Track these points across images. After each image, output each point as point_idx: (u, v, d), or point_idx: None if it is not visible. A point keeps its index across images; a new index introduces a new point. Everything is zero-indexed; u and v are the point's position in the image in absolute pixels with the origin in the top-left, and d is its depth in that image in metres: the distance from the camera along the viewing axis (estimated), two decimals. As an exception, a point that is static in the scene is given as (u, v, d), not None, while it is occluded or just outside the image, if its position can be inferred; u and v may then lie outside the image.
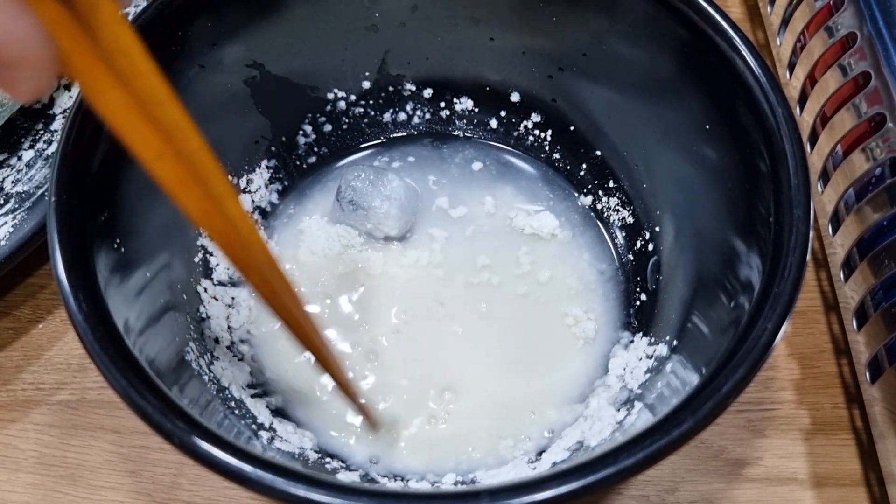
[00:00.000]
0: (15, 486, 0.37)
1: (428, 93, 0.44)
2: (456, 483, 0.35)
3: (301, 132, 0.43)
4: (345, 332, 0.39)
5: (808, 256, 0.28)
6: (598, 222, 0.42)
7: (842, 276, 0.39)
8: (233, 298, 0.39)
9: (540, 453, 0.35)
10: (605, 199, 0.42)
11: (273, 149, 0.42)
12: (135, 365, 0.27)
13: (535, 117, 0.44)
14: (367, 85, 0.43)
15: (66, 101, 0.45)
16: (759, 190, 0.31)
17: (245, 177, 0.41)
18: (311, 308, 0.40)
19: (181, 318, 0.35)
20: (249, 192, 0.42)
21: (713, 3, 0.33)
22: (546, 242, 0.42)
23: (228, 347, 0.37)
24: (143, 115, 0.21)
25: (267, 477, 0.24)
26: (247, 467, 0.25)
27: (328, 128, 0.44)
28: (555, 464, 0.33)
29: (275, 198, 0.43)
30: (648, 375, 0.35)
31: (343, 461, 0.36)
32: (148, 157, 0.22)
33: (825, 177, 0.40)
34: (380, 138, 0.45)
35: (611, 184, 0.42)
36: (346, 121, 0.44)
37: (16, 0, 0.18)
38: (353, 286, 0.40)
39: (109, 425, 0.39)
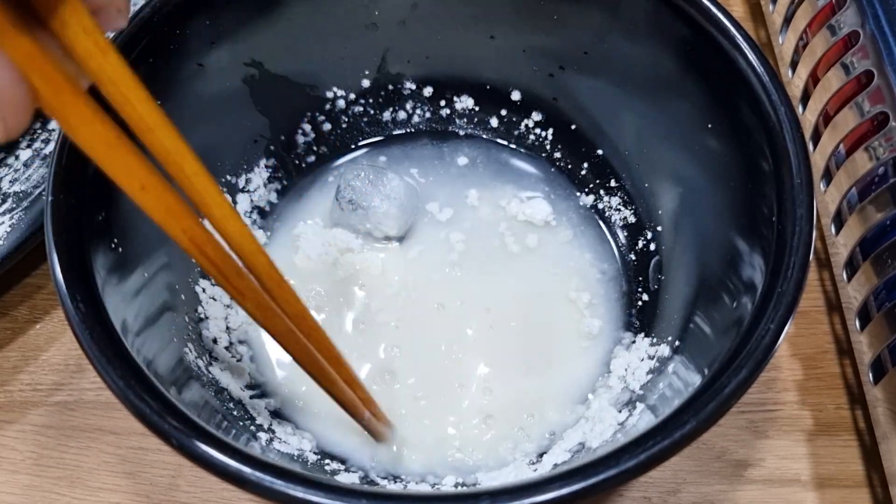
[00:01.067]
0: (12, 487, 0.37)
1: (428, 91, 0.44)
2: (456, 485, 0.35)
3: (300, 131, 0.43)
4: (344, 333, 0.39)
5: (811, 256, 0.28)
6: (600, 222, 0.42)
7: (845, 276, 0.39)
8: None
9: (541, 455, 0.35)
10: (606, 198, 0.42)
11: (272, 148, 0.42)
12: (132, 366, 0.27)
13: (536, 116, 0.43)
14: (366, 83, 0.43)
15: (64, 100, 0.45)
16: (761, 189, 0.31)
17: (244, 176, 0.41)
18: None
19: (179, 318, 0.35)
20: (248, 191, 0.41)
21: (715, 2, 0.33)
22: (548, 244, 0.42)
23: (227, 348, 0.37)
24: (127, 147, 0.21)
25: (266, 478, 0.24)
26: (245, 469, 0.24)
27: (327, 127, 0.43)
28: (556, 465, 0.33)
29: (273, 197, 0.42)
30: (650, 376, 0.34)
31: (342, 462, 0.36)
32: (131, 190, 0.22)
33: (828, 176, 0.40)
34: (379, 137, 0.44)
35: (612, 183, 0.42)
36: (346, 120, 0.44)
37: None
38: (352, 287, 0.40)
39: (107, 426, 0.38)
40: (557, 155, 0.44)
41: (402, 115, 0.44)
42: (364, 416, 0.34)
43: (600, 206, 0.42)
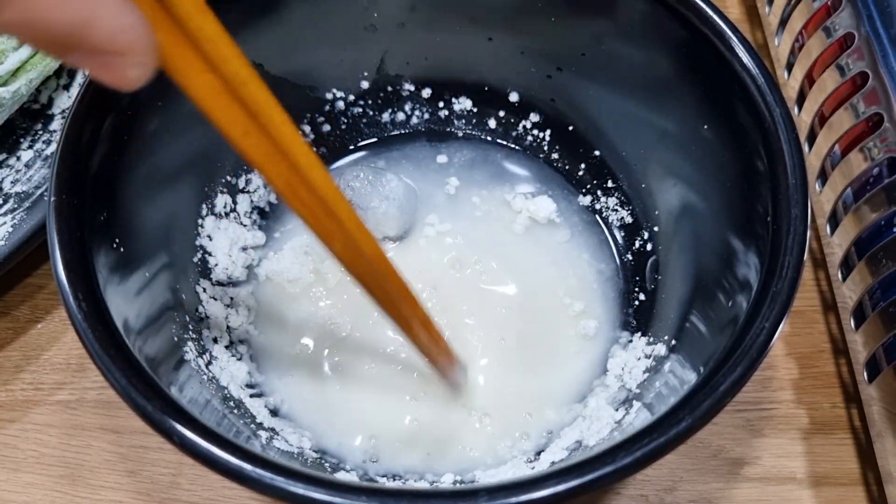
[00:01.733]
0: (14, 485, 0.37)
1: (427, 93, 0.44)
2: (455, 482, 0.35)
3: (299, 132, 0.43)
4: (344, 334, 0.39)
5: (806, 256, 0.28)
6: (597, 222, 0.42)
7: (840, 275, 0.39)
8: (231, 299, 0.39)
9: (538, 453, 0.35)
10: (603, 198, 0.42)
11: (272, 149, 0.42)
12: (134, 364, 0.27)
13: (534, 117, 0.44)
14: (365, 85, 0.43)
15: (64, 101, 0.45)
16: (757, 190, 0.31)
17: (244, 176, 0.41)
18: (308, 314, 0.40)
19: (180, 317, 0.35)
20: (248, 191, 0.42)
21: (711, 4, 0.33)
22: (546, 244, 0.42)
23: (227, 347, 0.37)
24: (231, 96, 0.23)
25: (266, 475, 0.24)
26: (246, 466, 0.25)
27: (327, 128, 0.44)
28: (553, 463, 0.33)
29: (273, 197, 0.43)
30: (647, 375, 0.35)
31: (341, 460, 0.36)
32: (236, 135, 0.23)
33: (823, 176, 0.40)
34: (378, 138, 0.45)
35: (609, 184, 0.42)
36: (345, 121, 0.44)
37: None
38: (350, 287, 0.40)
39: (108, 425, 0.39)
40: (555, 156, 0.44)
41: (400, 116, 0.45)
42: (439, 361, 0.35)
43: (598, 206, 0.43)
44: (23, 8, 0.17)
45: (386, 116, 0.44)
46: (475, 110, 0.44)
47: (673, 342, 0.34)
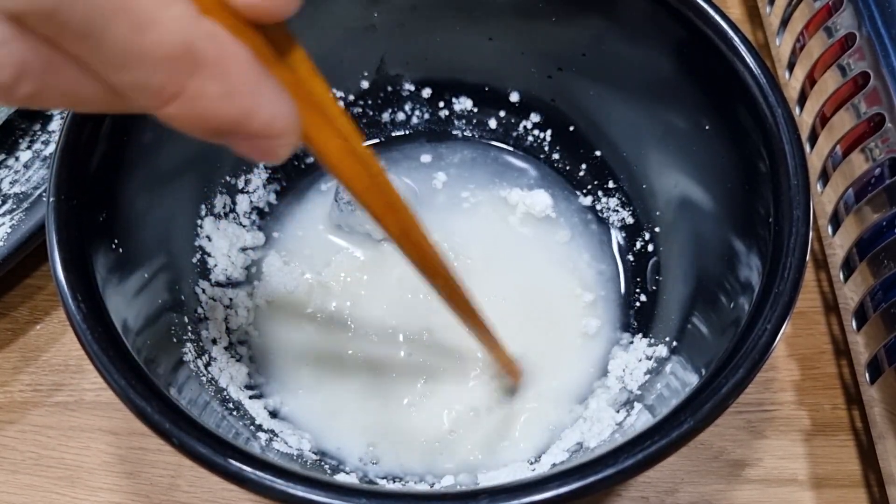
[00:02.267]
0: (13, 487, 0.37)
1: (427, 93, 0.44)
2: (455, 485, 0.35)
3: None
4: (343, 335, 0.39)
5: (808, 257, 0.28)
6: (598, 222, 0.42)
7: (841, 276, 0.39)
8: (231, 300, 0.39)
9: (539, 455, 0.35)
10: (604, 199, 0.42)
11: (272, 149, 0.42)
12: (133, 365, 0.27)
13: (535, 117, 0.43)
14: (365, 85, 0.43)
15: (64, 101, 0.45)
16: (758, 190, 0.31)
17: (243, 177, 0.41)
18: (310, 317, 0.40)
19: (179, 318, 0.35)
20: (247, 192, 0.41)
21: (712, 4, 0.33)
22: (546, 244, 0.42)
23: (226, 348, 0.37)
24: (353, 150, 0.23)
25: (266, 477, 0.24)
26: (246, 468, 0.25)
27: (327, 128, 0.43)
28: (554, 465, 0.33)
29: (273, 198, 0.42)
30: (648, 377, 0.34)
31: (341, 462, 0.36)
32: (360, 190, 0.24)
33: (825, 177, 0.40)
34: (378, 138, 0.45)
35: (610, 184, 0.42)
36: (345, 121, 0.44)
37: (270, 76, 0.19)
38: (350, 289, 0.40)
39: (107, 427, 0.39)
40: (556, 156, 0.44)
41: (400, 116, 0.44)
42: (496, 346, 0.34)
43: (598, 207, 0.43)
44: (190, 104, 0.17)
45: (386, 116, 0.44)
46: (475, 110, 0.44)
47: (674, 343, 0.34)
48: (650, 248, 0.40)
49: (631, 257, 0.41)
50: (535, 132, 0.44)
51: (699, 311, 0.34)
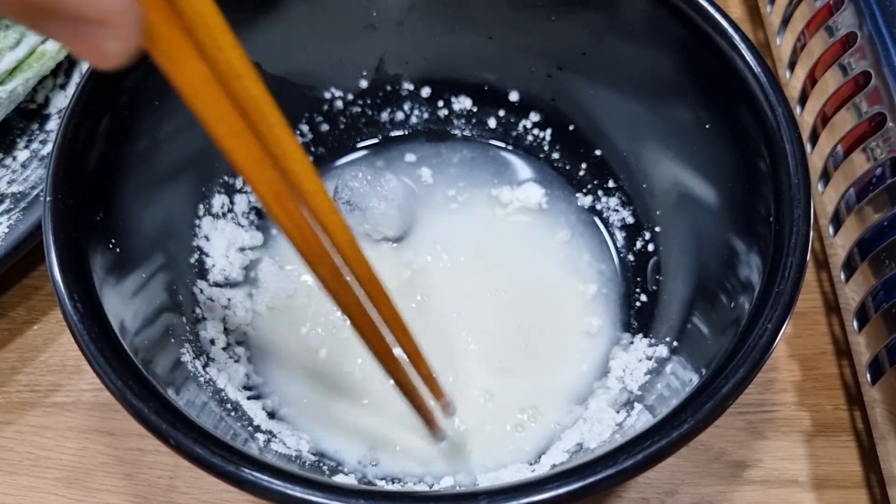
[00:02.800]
0: (10, 488, 0.37)
1: (426, 92, 0.44)
2: (454, 485, 0.35)
3: (298, 132, 0.43)
4: (343, 336, 0.39)
5: (809, 257, 0.28)
6: (598, 222, 0.42)
7: (842, 276, 0.39)
8: (229, 300, 0.39)
9: (539, 455, 0.35)
10: (604, 198, 0.42)
11: (270, 149, 0.42)
12: (130, 366, 0.27)
13: (534, 117, 0.43)
14: (364, 84, 0.43)
15: (61, 100, 0.45)
16: (759, 190, 0.31)
17: (242, 177, 0.41)
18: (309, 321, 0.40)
19: (177, 319, 0.35)
20: (246, 192, 0.41)
21: (713, 3, 0.33)
22: (546, 244, 0.42)
23: (224, 349, 0.37)
24: (221, 90, 0.20)
25: (264, 478, 0.24)
26: (244, 469, 0.24)
27: (325, 127, 0.43)
28: (554, 465, 0.33)
29: (272, 198, 0.42)
30: (648, 377, 0.34)
31: (340, 463, 0.36)
32: (222, 133, 0.21)
33: (826, 177, 0.40)
34: (377, 138, 0.44)
35: (610, 184, 0.42)
36: (344, 120, 0.44)
37: None
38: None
39: (105, 427, 0.38)
40: (556, 156, 0.44)
41: (399, 115, 0.44)
42: (423, 404, 0.32)
43: (598, 206, 0.42)
44: None
45: (385, 116, 0.44)
46: (475, 110, 0.44)
47: (675, 343, 0.34)
48: (650, 247, 0.40)
49: (631, 257, 0.41)
50: (535, 131, 0.44)
51: (699, 310, 0.34)
